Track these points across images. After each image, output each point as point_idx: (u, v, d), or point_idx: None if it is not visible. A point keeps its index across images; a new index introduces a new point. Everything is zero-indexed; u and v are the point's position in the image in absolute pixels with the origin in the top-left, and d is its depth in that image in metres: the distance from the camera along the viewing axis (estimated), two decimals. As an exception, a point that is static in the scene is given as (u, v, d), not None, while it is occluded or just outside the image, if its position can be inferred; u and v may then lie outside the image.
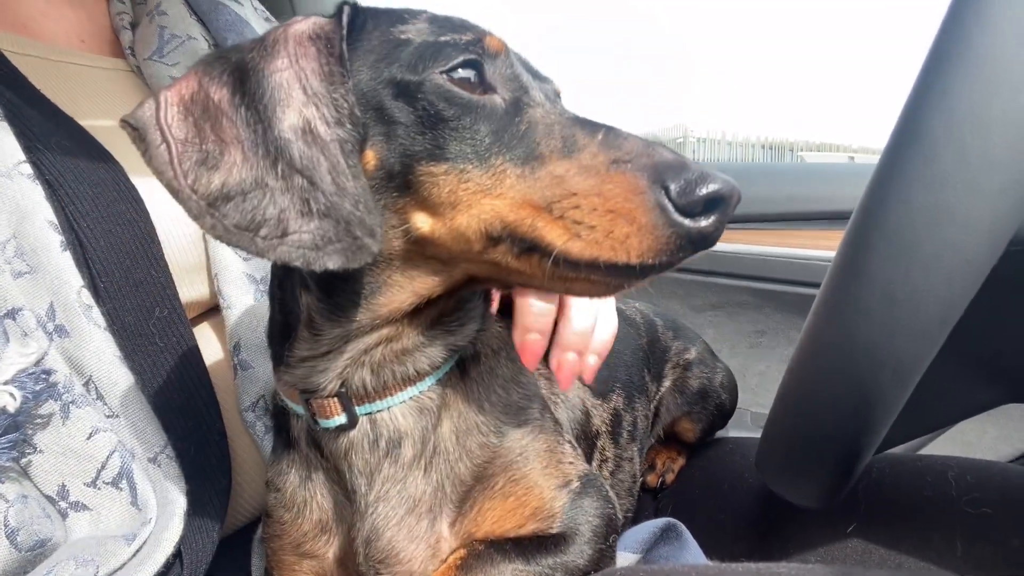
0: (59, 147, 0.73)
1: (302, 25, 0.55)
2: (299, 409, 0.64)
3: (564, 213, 0.49)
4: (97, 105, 0.89)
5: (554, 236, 0.49)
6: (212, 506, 0.74)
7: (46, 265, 0.67)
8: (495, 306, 0.75)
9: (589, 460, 0.86)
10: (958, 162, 0.45)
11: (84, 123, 0.80)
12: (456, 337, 0.63)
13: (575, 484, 0.66)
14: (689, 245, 0.47)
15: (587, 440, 0.86)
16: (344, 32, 0.55)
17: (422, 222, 0.54)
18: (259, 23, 1.08)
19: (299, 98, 0.51)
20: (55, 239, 0.68)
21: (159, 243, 0.77)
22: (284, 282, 0.63)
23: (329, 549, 0.65)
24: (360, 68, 0.55)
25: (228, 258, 0.86)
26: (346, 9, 0.56)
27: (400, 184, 0.54)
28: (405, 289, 0.58)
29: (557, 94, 0.62)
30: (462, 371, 0.65)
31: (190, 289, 0.83)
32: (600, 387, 0.92)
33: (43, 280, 0.66)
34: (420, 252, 0.56)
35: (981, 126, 0.44)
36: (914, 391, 0.52)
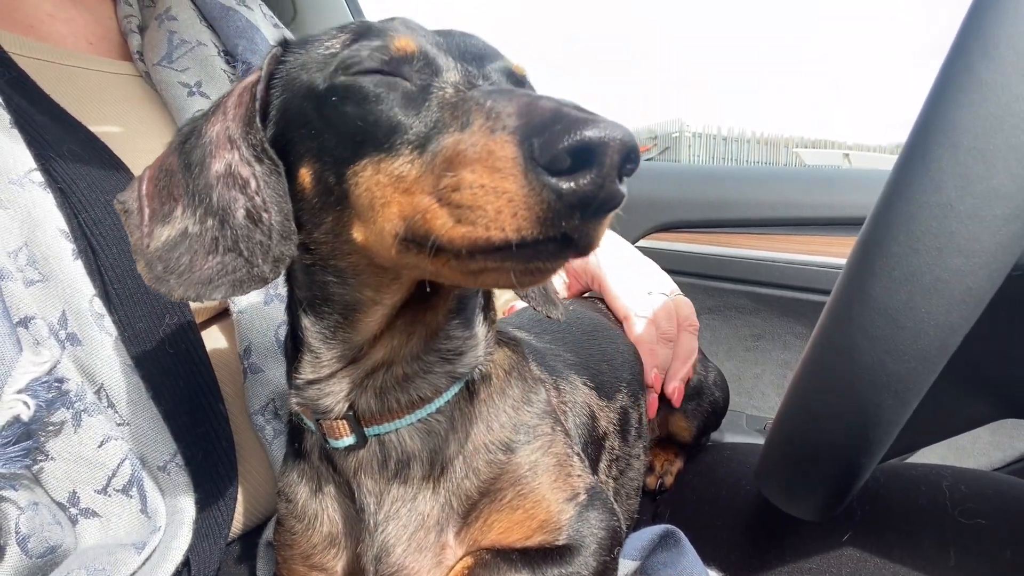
0: (70, 154, 0.73)
1: (250, 76, 0.59)
2: (312, 426, 0.65)
3: (449, 198, 0.43)
4: (105, 110, 0.89)
5: (438, 225, 0.44)
6: (219, 514, 0.75)
7: (58, 274, 0.67)
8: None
9: (597, 462, 0.87)
10: (962, 192, 0.46)
11: (94, 129, 0.80)
12: (455, 366, 0.64)
13: (582, 497, 0.67)
14: (569, 211, 0.40)
15: (595, 443, 0.86)
16: (264, 72, 0.58)
17: (357, 232, 0.53)
18: (268, 29, 1.08)
19: (224, 146, 0.56)
20: (67, 247, 0.68)
21: None
22: (291, 305, 0.65)
23: (338, 563, 0.66)
24: (293, 93, 0.57)
25: None
26: (273, 50, 0.59)
27: (339, 196, 0.53)
28: (376, 302, 0.58)
29: (508, 71, 0.58)
30: (471, 393, 0.66)
31: None
32: (607, 388, 0.94)
33: (55, 289, 0.67)
34: (371, 262, 0.55)
35: (985, 157, 0.45)
36: (913, 407, 0.53)
